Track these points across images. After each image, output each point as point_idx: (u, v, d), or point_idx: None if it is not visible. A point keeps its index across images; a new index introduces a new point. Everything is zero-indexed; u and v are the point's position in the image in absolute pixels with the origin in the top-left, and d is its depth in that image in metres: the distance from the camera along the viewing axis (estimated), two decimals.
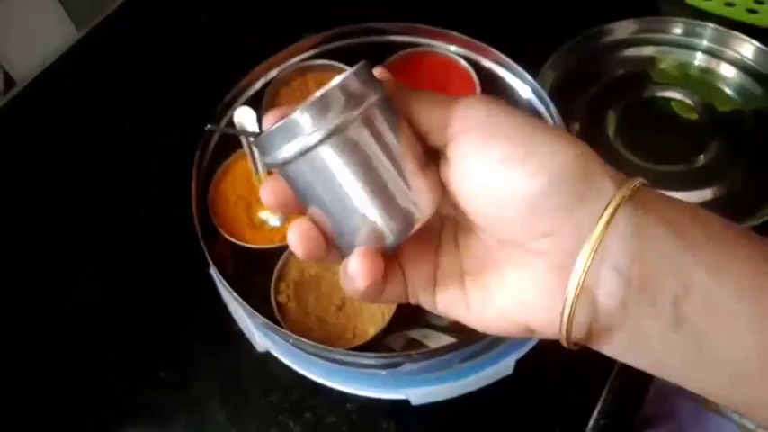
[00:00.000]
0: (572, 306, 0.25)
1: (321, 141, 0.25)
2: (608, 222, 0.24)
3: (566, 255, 0.25)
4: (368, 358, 0.45)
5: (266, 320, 0.46)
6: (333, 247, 0.28)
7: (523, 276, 0.27)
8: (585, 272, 0.25)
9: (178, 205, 0.54)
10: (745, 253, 0.25)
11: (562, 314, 0.25)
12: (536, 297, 0.27)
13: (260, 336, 0.51)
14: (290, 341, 0.45)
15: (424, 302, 0.30)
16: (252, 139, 0.49)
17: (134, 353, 0.55)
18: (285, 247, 0.51)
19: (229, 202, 0.54)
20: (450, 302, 0.29)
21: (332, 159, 0.25)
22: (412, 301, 0.30)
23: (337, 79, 0.25)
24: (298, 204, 0.28)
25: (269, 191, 0.28)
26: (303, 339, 0.44)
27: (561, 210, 0.25)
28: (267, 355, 0.51)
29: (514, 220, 0.26)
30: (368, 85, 0.25)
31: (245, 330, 0.52)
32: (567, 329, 0.26)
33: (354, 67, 0.26)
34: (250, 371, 0.53)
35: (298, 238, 0.27)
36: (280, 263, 0.51)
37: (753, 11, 0.68)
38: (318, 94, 0.25)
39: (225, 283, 0.48)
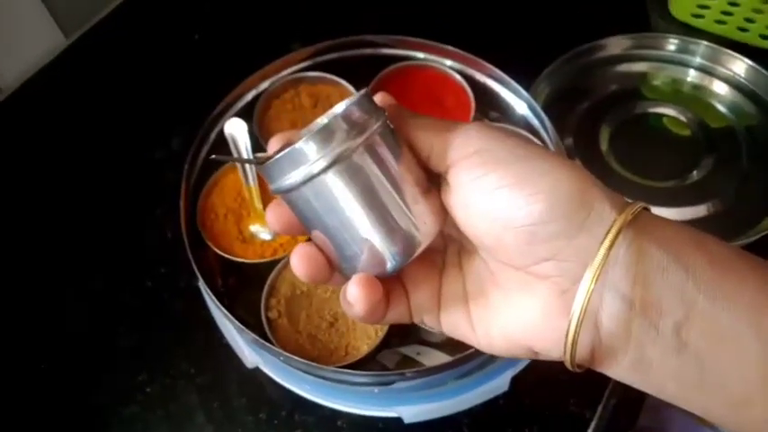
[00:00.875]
0: (576, 329, 0.25)
1: (325, 169, 0.25)
2: (610, 248, 0.24)
3: (568, 279, 0.26)
4: (360, 377, 0.44)
5: (256, 337, 0.44)
6: (336, 269, 0.28)
7: (527, 299, 0.27)
8: (589, 296, 0.25)
9: (168, 216, 0.53)
10: (747, 278, 0.25)
11: (566, 337, 0.25)
12: (539, 319, 0.27)
13: (249, 352, 0.50)
14: (281, 359, 0.44)
15: (429, 323, 0.30)
16: (256, 165, 0.49)
17: (120, 365, 0.53)
18: (276, 262, 0.50)
19: (219, 215, 0.53)
20: (454, 323, 0.29)
21: (335, 186, 0.26)
22: (416, 321, 0.30)
23: (340, 107, 0.26)
24: (302, 227, 0.28)
25: (274, 216, 0.28)
26: (294, 357, 0.43)
27: (560, 236, 0.25)
28: (256, 370, 0.50)
29: (514, 246, 0.26)
30: (369, 112, 0.26)
31: (233, 346, 0.51)
32: (571, 352, 0.26)
33: (356, 96, 0.26)
34: (239, 385, 0.52)
35: (300, 261, 0.27)
36: (270, 278, 0.50)
37: (743, 29, 0.69)
38: (321, 122, 0.26)
39: (213, 297, 0.46)
